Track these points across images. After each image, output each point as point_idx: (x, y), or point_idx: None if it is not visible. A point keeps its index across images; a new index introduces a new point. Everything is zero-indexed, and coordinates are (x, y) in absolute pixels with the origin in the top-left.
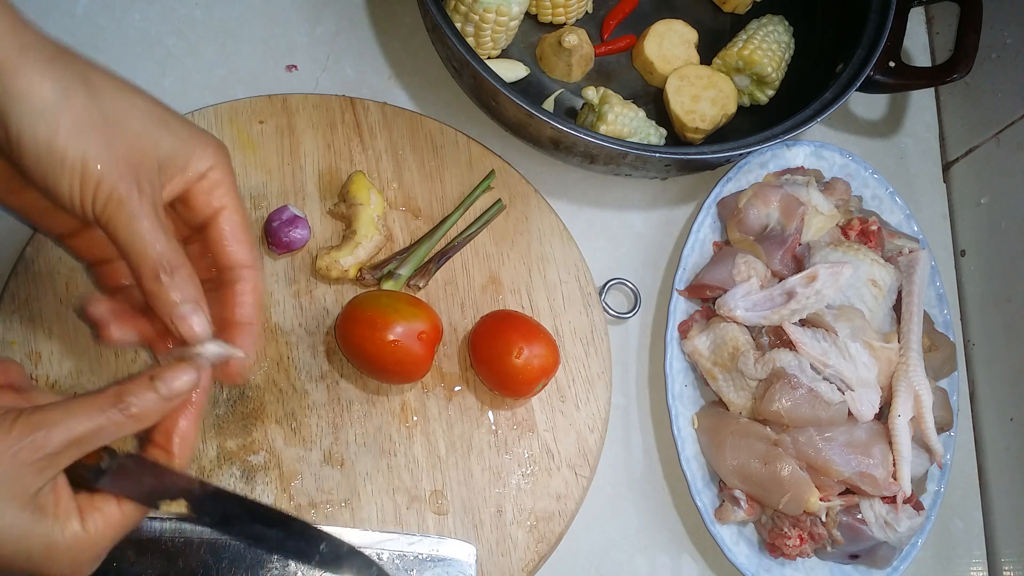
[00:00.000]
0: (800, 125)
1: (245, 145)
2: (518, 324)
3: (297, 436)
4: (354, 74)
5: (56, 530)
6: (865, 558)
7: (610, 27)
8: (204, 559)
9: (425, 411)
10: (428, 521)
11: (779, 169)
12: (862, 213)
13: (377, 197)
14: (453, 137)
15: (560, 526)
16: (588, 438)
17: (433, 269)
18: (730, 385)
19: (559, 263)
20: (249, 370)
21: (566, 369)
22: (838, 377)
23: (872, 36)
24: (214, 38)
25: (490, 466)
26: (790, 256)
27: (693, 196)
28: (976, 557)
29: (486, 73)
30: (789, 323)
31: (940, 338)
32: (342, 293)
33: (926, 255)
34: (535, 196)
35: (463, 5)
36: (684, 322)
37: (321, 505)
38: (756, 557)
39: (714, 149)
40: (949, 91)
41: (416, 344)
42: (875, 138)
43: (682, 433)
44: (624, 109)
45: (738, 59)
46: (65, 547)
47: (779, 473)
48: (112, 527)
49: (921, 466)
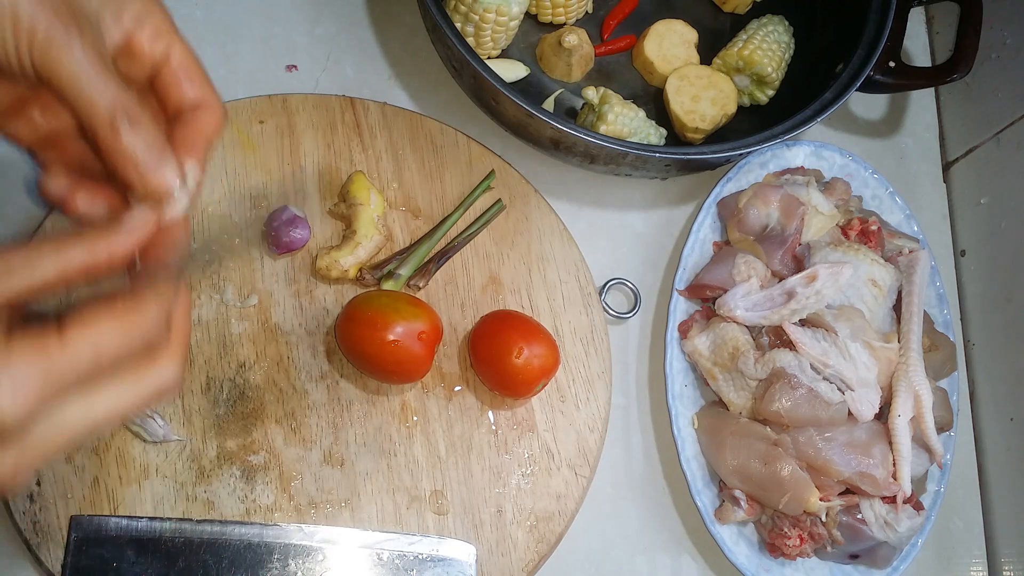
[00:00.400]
0: (800, 125)
1: (245, 145)
2: (518, 324)
3: (297, 436)
4: (354, 74)
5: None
6: (865, 558)
7: (610, 27)
8: (204, 559)
9: (425, 411)
10: (428, 521)
11: (779, 169)
12: (862, 213)
13: (377, 197)
14: (453, 137)
15: (560, 526)
16: (588, 438)
17: (433, 269)
18: (730, 385)
19: (559, 263)
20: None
21: (566, 369)
22: (838, 377)
23: (872, 36)
24: (214, 38)
25: (490, 466)
26: (790, 256)
27: (693, 196)
28: (976, 557)
29: (486, 73)
30: (789, 323)
31: (940, 338)
32: (342, 293)
33: (926, 255)
34: (535, 196)
35: (463, 5)
36: (684, 322)
37: (321, 505)
38: (756, 557)
39: (714, 149)
40: (949, 91)
41: (416, 344)
42: (875, 138)
43: (682, 433)
44: (624, 109)
45: (738, 59)
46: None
47: (779, 473)
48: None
49: (921, 466)
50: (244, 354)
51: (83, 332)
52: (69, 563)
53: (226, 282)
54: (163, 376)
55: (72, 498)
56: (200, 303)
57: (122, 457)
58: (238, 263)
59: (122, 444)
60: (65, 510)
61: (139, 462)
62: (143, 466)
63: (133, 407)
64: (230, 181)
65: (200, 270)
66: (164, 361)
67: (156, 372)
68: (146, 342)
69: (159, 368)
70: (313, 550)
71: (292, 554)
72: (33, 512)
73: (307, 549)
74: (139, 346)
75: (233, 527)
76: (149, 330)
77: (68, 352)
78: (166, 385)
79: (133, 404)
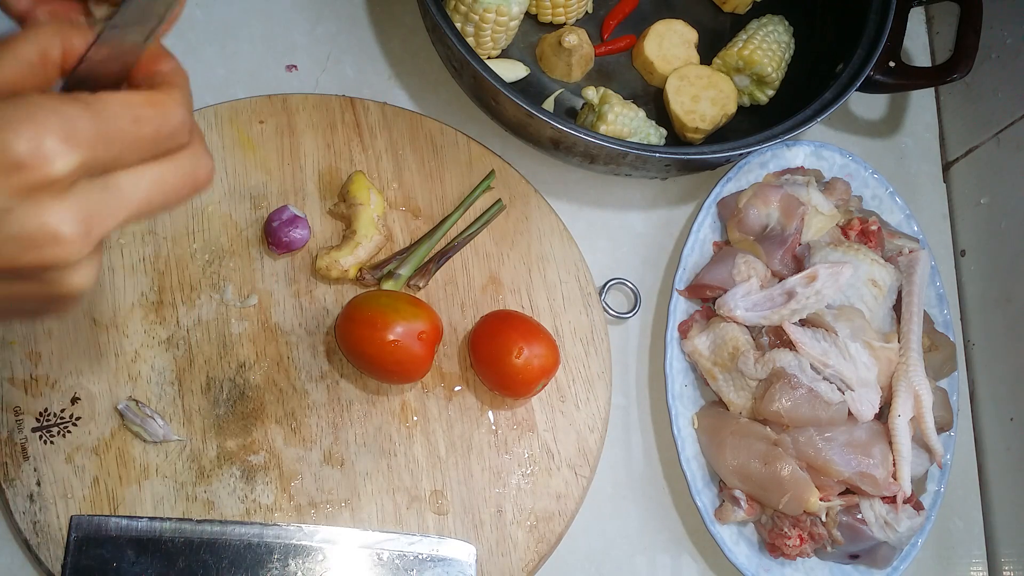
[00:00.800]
0: (800, 125)
1: (245, 145)
2: (518, 324)
3: (297, 436)
4: (354, 74)
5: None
6: (865, 558)
7: (610, 27)
8: (204, 559)
9: (425, 411)
10: (428, 521)
11: (779, 169)
12: (862, 213)
13: (377, 197)
14: (453, 137)
15: (560, 526)
16: (588, 438)
17: (433, 269)
18: (730, 385)
19: (559, 263)
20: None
21: (566, 369)
22: (838, 377)
23: (872, 36)
24: (214, 38)
25: (490, 466)
26: (790, 256)
27: (693, 196)
28: (976, 557)
29: (486, 73)
30: (789, 323)
31: (940, 338)
32: (342, 293)
33: (926, 255)
34: (535, 196)
35: (463, 5)
36: (684, 322)
37: (321, 505)
38: (756, 557)
39: (714, 149)
40: (949, 91)
41: (416, 344)
42: (875, 138)
43: (682, 433)
44: (624, 109)
45: (738, 59)
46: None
47: (779, 473)
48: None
49: (921, 466)
50: (244, 354)
51: (120, 99)
52: (69, 563)
53: (226, 282)
54: (200, 161)
55: (72, 498)
56: (200, 303)
57: (122, 457)
58: (238, 263)
59: (122, 444)
60: (65, 510)
61: (139, 462)
62: (143, 466)
63: (177, 191)
64: (230, 181)
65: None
66: (199, 150)
67: (193, 157)
68: (177, 128)
69: (195, 154)
70: (313, 550)
71: (292, 554)
72: (33, 512)
73: (307, 549)
74: (172, 128)
75: (233, 527)
76: (176, 112)
77: (109, 109)
78: (203, 170)
79: (176, 188)
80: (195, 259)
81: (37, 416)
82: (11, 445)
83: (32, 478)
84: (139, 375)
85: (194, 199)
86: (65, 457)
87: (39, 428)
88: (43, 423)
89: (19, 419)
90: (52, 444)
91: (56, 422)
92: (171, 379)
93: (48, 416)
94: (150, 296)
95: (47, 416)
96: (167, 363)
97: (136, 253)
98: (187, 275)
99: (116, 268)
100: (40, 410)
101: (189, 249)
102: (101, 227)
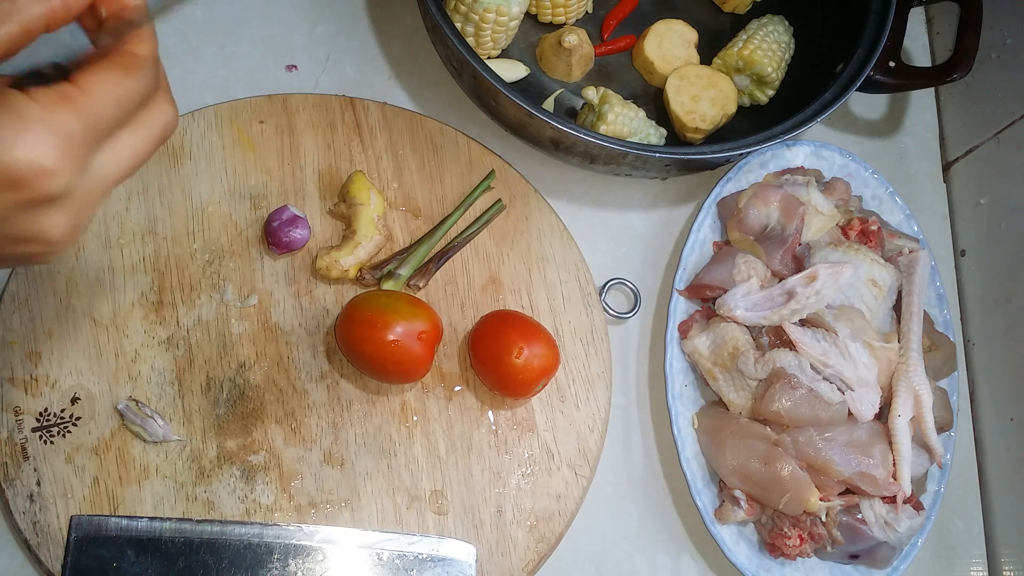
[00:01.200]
0: (800, 125)
1: (245, 145)
2: (518, 324)
3: (297, 436)
4: (354, 74)
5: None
6: (865, 558)
7: (610, 27)
8: (204, 559)
9: (425, 411)
10: (428, 521)
11: (779, 169)
12: (862, 213)
13: (377, 197)
14: (453, 137)
15: (560, 526)
16: (588, 438)
17: (433, 269)
18: (730, 385)
19: (559, 263)
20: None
21: (566, 369)
22: (838, 377)
23: (872, 36)
24: (214, 38)
25: (490, 466)
26: (790, 256)
27: (693, 196)
28: (976, 557)
29: (486, 73)
30: (789, 323)
31: (940, 338)
32: (342, 293)
33: (926, 255)
34: (535, 196)
35: (463, 5)
36: (684, 322)
37: (321, 505)
38: (756, 557)
39: (714, 149)
40: (949, 91)
41: (416, 344)
42: (875, 138)
43: (682, 433)
44: (624, 109)
45: (738, 59)
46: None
47: (779, 473)
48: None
49: (921, 466)
50: (244, 354)
51: (100, 82)
52: (69, 563)
53: (226, 282)
54: (165, 115)
55: (72, 498)
56: (200, 303)
57: (122, 457)
58: (238, 263)
59: (122, 444)
60: (65, 510)
61: (139, 462)
62: (143, 466)
63: (149, 150)
64: (230, 181)
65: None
66: (163, 102)
67: (160, 112)
68: (149, 87)
69: (161, 108)
70: (313, 550)
71: (292, 554)
72: (33, 512)
73: (307, 549)
74: (145, 91)
75: (233, 527)
76: (149, 74)
77: (95, 100)
78: (169, 123)
79: (149, 146)
80: (195, 259)
81: (37, 416)
82: (11, 445)
83: (32, 478)
84: (139, 375)
85: (194, 199)
86: (65, 457)
87: (39, 428)
88: (43, 423)
89: (19, 419)
90: (52, 444)
91: (56, 422)
92: (171, 379)
93: (48, 416)
94: (150, 296)
95: (47, 416)
96: (167, 363)
97: (136, 253)
98: (187, 275)
99: (116, 268)
100: (40, 410)
101: (189, 249)
102: (88, 215)
